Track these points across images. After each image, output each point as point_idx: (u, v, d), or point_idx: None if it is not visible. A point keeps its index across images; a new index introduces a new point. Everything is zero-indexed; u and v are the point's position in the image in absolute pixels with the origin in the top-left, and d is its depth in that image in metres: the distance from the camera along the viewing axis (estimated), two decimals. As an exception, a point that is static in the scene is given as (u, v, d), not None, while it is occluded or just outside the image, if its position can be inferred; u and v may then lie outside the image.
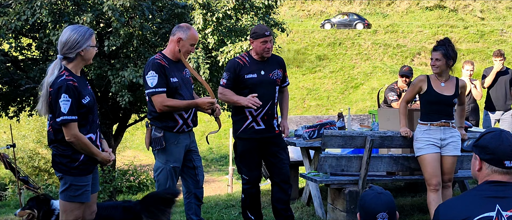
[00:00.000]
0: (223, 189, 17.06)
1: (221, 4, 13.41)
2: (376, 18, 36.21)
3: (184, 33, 4.43)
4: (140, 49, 13.27)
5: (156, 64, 4.35)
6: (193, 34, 4.48)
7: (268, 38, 4.74)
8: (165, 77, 4.34)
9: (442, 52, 4.83)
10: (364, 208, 2.76)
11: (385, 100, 7.37)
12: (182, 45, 4.43)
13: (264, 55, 4.78)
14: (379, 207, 2.72)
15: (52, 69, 3.57)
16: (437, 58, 4.85)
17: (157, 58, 4.41)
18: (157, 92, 4.32)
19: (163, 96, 4.33)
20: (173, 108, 4.36)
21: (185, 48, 4.45)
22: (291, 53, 32.16)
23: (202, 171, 4.73)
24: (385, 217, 2.72)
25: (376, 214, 2.71)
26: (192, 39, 4.47)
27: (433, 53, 4.90)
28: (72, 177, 3.63)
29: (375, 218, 2.71)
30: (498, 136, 2.33)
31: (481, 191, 2.31)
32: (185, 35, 4.43)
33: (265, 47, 4.74)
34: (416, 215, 5.76)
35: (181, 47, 4.43)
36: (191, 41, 4.47)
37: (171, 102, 4.34)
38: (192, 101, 4.45)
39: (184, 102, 4.39)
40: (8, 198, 17.26)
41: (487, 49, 30.93)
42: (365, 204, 2.75)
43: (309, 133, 5.69)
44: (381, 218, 2.71)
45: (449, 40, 4.93)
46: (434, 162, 4.85)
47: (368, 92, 27.77)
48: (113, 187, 16.25)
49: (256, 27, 4.88)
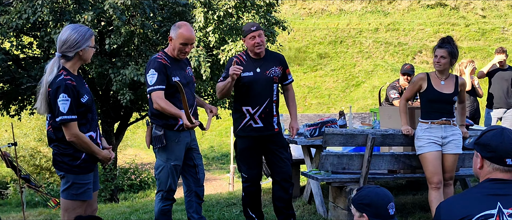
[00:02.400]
0: (224, 187, 17.06)
1: (222, 3, 13.39)
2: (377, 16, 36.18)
3: (174, 32, 4.37)
4: (141, 48, 13.28)
5: (157, 63, 4.33)
6: (182, 33, 4.33)
7: (255, 33, 4.69)
8: (166, 76, 4.33)
9: (448, 50, 4.82)
10: (372, 205, 2.83)
11: (387, 98, 7.36)
12: (173, 44, 4.38)
13: (255, 51, 4.75)
14: (386, 199, 2.88)
15: (50, 67, 3.57)
16: (442, 55, 4.84)
17: (159, 57, 4.39)
18: (155, 89, 4.29)
19: (160, 94, 4.26)
20: (164, 110, 4.26)
21: (176, 48, 4.36)
22: (292, 51, 32.12)
23: (203, 169, 4.73)
24: (393, 207, 2.89)
25: (386, 206, 2.86)
26: (181, 38, 4.33)
27: (438, 50, 4.87)
28: (74, 175, 3.64)
29: (387, 210, 2.85)
30: (500, 134, 2.33)
31: (483, 189, 2.31)
32: (174, 34, 4.37)
33: (254, 43, 4.71)
34: (418, 213, 5.75)
35: (172, 46, 4.39)
36: (180, 40, 4.33)
37: (162, 104, 4.24)
38: (178, 112, 4.23)
39: (173, 109, 4.23)
40: (10, 197, 17.31)
41: (488, 47, 30.87)
42: (373, 201, 2.84)
43: (311, 131, 5.69)
44: (392, 208, 2.89)
45: (452, 39, 4.93)
46: (436, 160, 4.85)
47: (369, 91, 27.74)
48: (114, 185, 16.28)
49: (244, 25, 4.88)
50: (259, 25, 4.81)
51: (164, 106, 4.24)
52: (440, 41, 4.93)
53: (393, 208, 2.87)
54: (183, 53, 4.43)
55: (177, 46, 4.36)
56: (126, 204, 8.49)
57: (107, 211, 7.23)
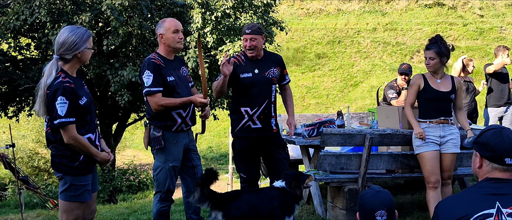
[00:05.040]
0: (223, 188, 17.05)
1: (220, 3, 13.39)
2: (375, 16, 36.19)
3: (161, 28, 4.42)
4: (139, 48, 13.27)
5: (151, 63, 4.33)
6: (169, 22, 4.42)
7: (248, 36, 4.69)
8: (161, 76, 4.32)
9: (435, 51, 4.83)
10: (363, 206, 2.76)
11: (385, 98, 7.36)
12: (166, 38, 4.40)
13: (247, 54, 4.76)
14: (378, 205, 2.73)
15: (48, 70, 3.56)
16: (430, 57, 4.86)
17: (152, 58, 4.39)
18: (152, 92, 4.29)
19: (158, 96, 4.30)
20: (168, 107, 4.33)
21: (171, 39, 4.40)
22: (290, 51, 32.12)
23: (202, 170, 4.72)
24: (383, 215, 2.73)
25: (375, 212, 2.72)
26: (171, 27, 4.40)
27: (426, 52, 4.89)
28: (72, 176, 3.63)
29: (374, 216, 2.72)
30: (499, 133, 2.33)
31: (481, 188, 2.31)
32: (162, 29, 4.41)
33: (246, 45, 4.72)
34: (416, 213, 5.75)
35: (166, 40, 4.40)
36: (171, 29, 4.40)
37: (166, 101, 4.30)
38: (186, 99, 4.38)
39: (178, 100, 4.34)
40: (8, 198, 17.28)
41: (486, 47, 30.90)
42: (364, 203, 2.76)
43: (309, 131, 5.69)
44: (380, 216, 2.73)
45: (440, 37, 4.91)
46: (433, 159, 4.85)
47: (367, 90, 27.75)
48: (113, 186, 16.26)
49: (244, 26, 4.87)
50: (257, 28, 4.73)
51: (168, 102, 4.29)
52: (428, 42, 4.94)
53: (383, 216, 2.73)
54: (179, 42, 4.45)
55: (170, 37, 4.40)
56: (124, 205, 8.48)
57: (105, 212, 7.23)
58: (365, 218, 2.74)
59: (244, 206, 4.02)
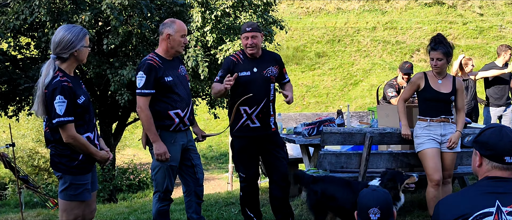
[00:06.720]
0: (223, 187, 17.07)
1: (219, 2, 13.37)
2: (375, 15, 36.17)
3: (170, 28, 4.40)
4: (139, 48, 13.25)
5: (147, 65, 4.33)
6: (180, 25, 4.43)
7: (248, 34, 4.69)
8: (156, 79, 4.31)
9: (442, 51, 4.76)
10: (358, 204, 2.80)
11: (384, 96, 7.36)
12: (173, 40, 4.40)
13: (247, 52, 4.75)
14: (371, 203, 2.76)
15: (46, 69, 3.56)
16: (438, 57, 4.78)
17: (149, 59, 4.39)
18: (142, 93, 4.32)
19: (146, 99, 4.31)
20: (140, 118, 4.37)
21: (177, 42, 4.41)
22: (290, 50, 32.11)
23: (202, 169, 4.73)
24: (377, 213, 2.75)
25: (368, 209, 2.75)
26: (181, 31, 4.42)
27: (433, 52, 4.80)
28: (72, 176, 3.63)
29: (367, 213, 2.75)
30: (498, 132, 2.32)
31: (481, 187, 2.31)
32: (172, 29, 4.40)
33: (247, 43, 4.72)
34: (416, 212, 5.75)
35: (173, 42, 4.40)
36: (181, 32, 4.42)
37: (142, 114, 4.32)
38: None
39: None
40: (8, 198, 17.28)
41: (486, 45, 30.90)
42: (359, 200, 2.81)
43: (309, 130, 5.69)
44: (373, 213, 2.75)
45: (443, 37, 4.86)
46: (436, 156, 4.82)
47: (367, 89, 27.74)
48: (113, 185, 16.25)
49: (243, 24, 4.87)
50: (257, 26, 4.75)
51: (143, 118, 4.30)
52: (432, 42, 4.84)
53: (376, 214, 2.76)
54: (183, 46, 4.48)
55: (177, 40, 4.40)
56: (124, 204, 8.48)
57: (105, 211, 7.23)
58: (360, 216, 2.77)
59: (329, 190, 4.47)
